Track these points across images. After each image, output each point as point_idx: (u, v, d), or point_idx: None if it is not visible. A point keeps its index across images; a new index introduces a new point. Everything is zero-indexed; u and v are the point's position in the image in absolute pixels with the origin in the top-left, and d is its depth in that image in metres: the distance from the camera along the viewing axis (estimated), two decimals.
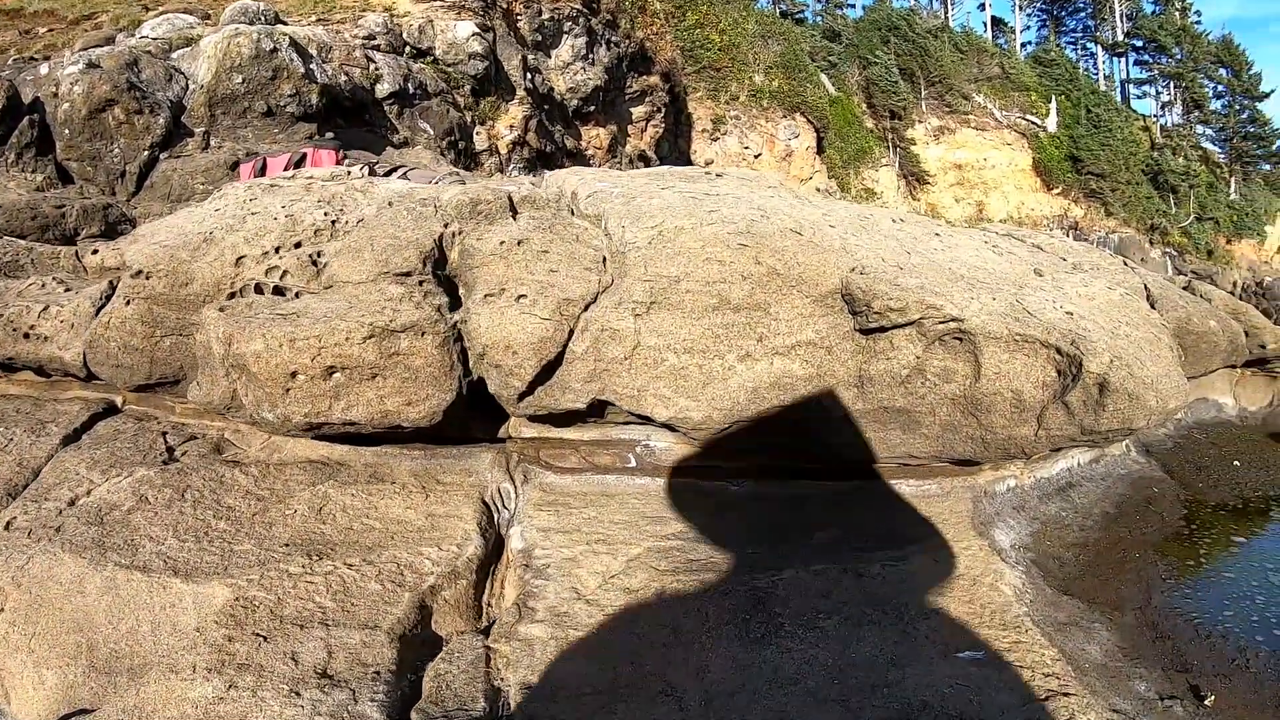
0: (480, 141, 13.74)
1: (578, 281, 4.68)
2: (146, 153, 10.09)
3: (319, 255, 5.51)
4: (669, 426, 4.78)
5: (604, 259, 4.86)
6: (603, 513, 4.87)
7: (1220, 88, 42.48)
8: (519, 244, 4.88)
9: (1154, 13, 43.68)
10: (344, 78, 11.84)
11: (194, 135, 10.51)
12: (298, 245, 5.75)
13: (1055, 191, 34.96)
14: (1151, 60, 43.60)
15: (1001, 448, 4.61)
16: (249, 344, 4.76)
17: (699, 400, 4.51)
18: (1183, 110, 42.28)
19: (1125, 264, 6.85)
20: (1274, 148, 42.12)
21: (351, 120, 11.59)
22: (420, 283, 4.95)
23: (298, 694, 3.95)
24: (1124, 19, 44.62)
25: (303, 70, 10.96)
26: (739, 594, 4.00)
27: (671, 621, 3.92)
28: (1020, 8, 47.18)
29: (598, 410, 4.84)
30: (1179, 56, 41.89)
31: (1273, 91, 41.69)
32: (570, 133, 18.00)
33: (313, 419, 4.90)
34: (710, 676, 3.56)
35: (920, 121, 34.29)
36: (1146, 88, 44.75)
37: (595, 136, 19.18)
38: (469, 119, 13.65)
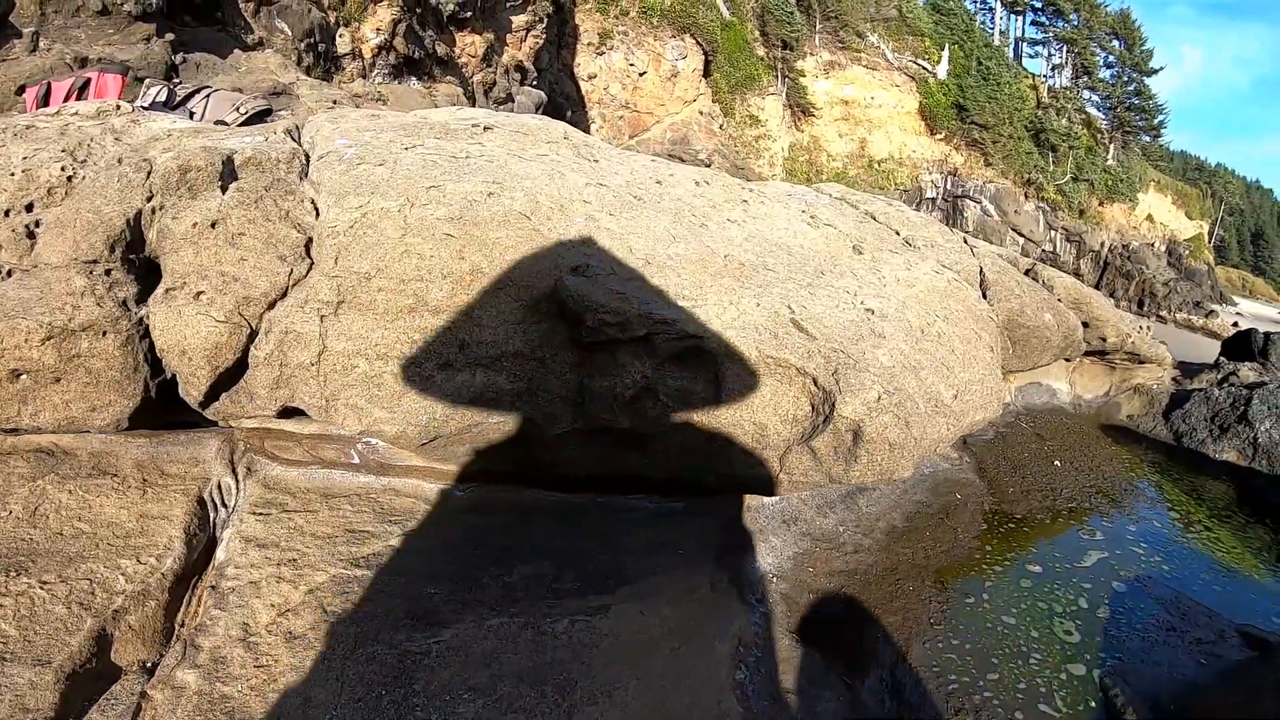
0: (343, 45, 11.88)
1: (265, 274, 3.59)
2: None
3: (37, 225, 4.41)
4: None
5: (308, 243, 3.78)
6: (311, 521, 3.93)
7: (1111, 58, 40.31)
8: (212, 226, 3.74)
9: None
10: None
11: (22, 36, 8.71)
12: (29, 208, 4.62)
13: (938, 137, 33.14)
14: (1048, 23, 41.05)
15: (739, 484, 3.63)
16: None
17: (394, 412, 3.49)
18: (1072, 75, 40.10)
19: (965, 242, 5.67)
20: (1155, 121, 40.43)
21: (202, 19, 9.76)
22: (107, 271, 3.84)
23: None
24: None
25: None
26: (387, 659, 3.02)
27: (307, 689, 2.95)
28: None
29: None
30: (1075, 22, 39.40)
31: (1162, 68, 39.95)
32: (443, 39, 15.85)
33: (2, 424, 3.99)
34: None
35: (812, 54, 32.04)
36: (1040, 48, 42.52)
37: (470, 44, 16.99)
38: (332, 20, 11.74)
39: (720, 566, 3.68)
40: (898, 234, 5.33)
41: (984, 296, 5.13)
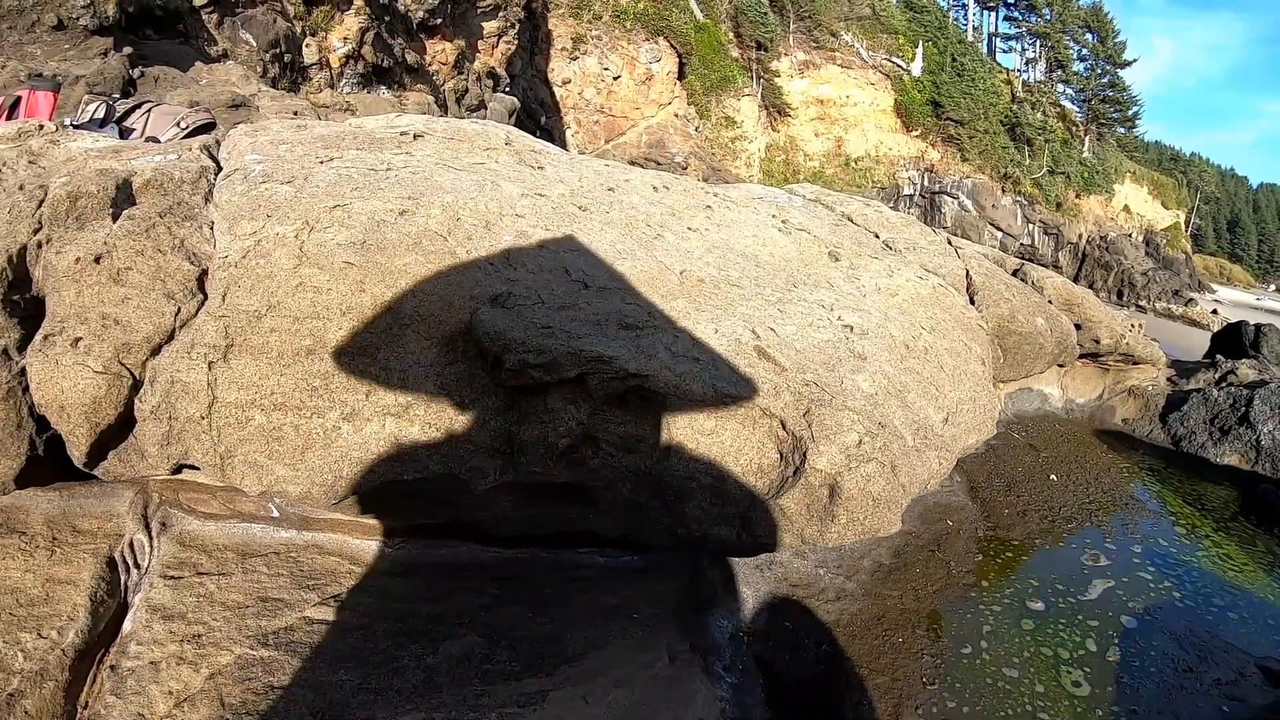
0: (310, 55, 11.06)
1: (149, 315, 2.98)
2: None
3: None
4: None
5: (201, 276, 3.16)
6: (223, 587, 3.34)
7: (1084, 51, 39.43)
8: (96, 260, 3.13)
9: None
10: None
11: None
12: None
13: (914, 134, 32.20)
14: (1021, 18, 40.08)
15: (697, 544, 3.01)
16: None
17: (298, 470, 2.89)
18: (1046, 69, 39.21)
19: (948, 243, 5.04)
20: (1130, 113, 39.61)
21: (164, 31, 9.05)
22: None
23: None
24: None
25: None
26: None
27: None
28: None
29: None
30: (1048, 17, 38.41)
31: (1135, 60, 38.98)
32: (413, 46, 14.78)
33: None
34: None
35: (786, 54, 30.94)
36: (1013, 43, 41.59)
37: (440, 51, 15.83)
38: (299, 29, 10.94)
39: (681, 631, 3.07)
40: (877, 237, 4.70)
41: (971, 302, 4.51)
